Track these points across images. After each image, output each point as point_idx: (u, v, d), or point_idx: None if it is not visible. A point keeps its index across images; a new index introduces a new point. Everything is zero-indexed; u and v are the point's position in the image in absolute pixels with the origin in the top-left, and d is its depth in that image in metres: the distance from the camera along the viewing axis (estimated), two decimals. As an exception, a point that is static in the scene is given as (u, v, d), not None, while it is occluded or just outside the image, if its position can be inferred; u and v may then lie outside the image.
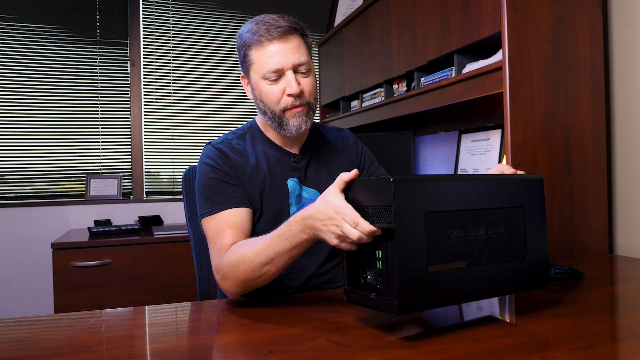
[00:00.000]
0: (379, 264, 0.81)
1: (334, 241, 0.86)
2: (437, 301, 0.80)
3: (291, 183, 1.23)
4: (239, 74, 1.27)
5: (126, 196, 2.96)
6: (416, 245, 0.77)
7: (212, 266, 1.10)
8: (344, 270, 0.89)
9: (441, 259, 0.79)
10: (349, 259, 0.88)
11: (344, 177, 0.87)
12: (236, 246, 1.05)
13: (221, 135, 1.29)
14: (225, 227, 1.10)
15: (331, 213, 0.85)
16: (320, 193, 1.26)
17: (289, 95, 1.14)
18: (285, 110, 1.16)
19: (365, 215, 0.82)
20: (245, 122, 1.32)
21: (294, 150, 1.26)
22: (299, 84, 1.14)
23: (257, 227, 1.19)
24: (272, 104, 1.16)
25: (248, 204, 1.16)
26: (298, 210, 1.22)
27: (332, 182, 1.28)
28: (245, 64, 1.19)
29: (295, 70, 1.15)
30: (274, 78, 1.14)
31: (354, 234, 0.81)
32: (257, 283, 1.02)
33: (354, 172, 0.87)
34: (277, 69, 1.13)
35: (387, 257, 0.80)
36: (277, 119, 1.17)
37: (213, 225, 1.12)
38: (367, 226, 0.80)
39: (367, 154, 1.39)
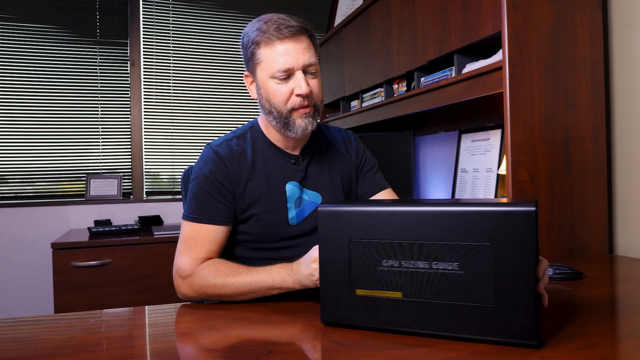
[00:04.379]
0: None
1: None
2: (362, 321, 0.87)
3: (290, 187, 1.22)
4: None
5: (126, 196, 2.96)
6: (338, 269, 0.88)
7: (175, 263, 1.16)
8: None
9: (370, 284, 0.86)
10: None
11: None
12: (216, 263, 1.11)
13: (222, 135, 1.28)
14: (205, 239, 1.15)
15: (309, 263, 0.98)
16: (322, 195, 1.26)
17: (298, 95, 1.13)
18: (292, 110, 1.15)
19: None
20: (245, 122, 1.31)
21: (295, 152, 1.25)
22: (308, 84, 1.14)
23: (255, 232, 1.20)
24: (280, 103, 1.15)
25: (230, 222, 1.18)
26: (297, 214, 1.22)
27: (332, 184, 1.29)
28: (251, 62, 1.17)
29: (304, 71, 1.14)
30: (283, 77, 1.13)
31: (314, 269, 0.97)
32: (219, 299, 1.09)
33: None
34: (287, 68, 1.12)
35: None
36: (284, 119, 1.16)
37: (192, 232, 1.16)
38: (314, 253, 0.96)
39: (367, 159, 1.38)
